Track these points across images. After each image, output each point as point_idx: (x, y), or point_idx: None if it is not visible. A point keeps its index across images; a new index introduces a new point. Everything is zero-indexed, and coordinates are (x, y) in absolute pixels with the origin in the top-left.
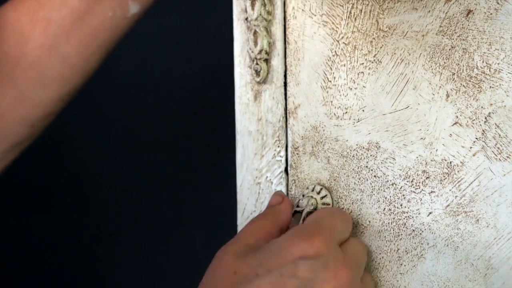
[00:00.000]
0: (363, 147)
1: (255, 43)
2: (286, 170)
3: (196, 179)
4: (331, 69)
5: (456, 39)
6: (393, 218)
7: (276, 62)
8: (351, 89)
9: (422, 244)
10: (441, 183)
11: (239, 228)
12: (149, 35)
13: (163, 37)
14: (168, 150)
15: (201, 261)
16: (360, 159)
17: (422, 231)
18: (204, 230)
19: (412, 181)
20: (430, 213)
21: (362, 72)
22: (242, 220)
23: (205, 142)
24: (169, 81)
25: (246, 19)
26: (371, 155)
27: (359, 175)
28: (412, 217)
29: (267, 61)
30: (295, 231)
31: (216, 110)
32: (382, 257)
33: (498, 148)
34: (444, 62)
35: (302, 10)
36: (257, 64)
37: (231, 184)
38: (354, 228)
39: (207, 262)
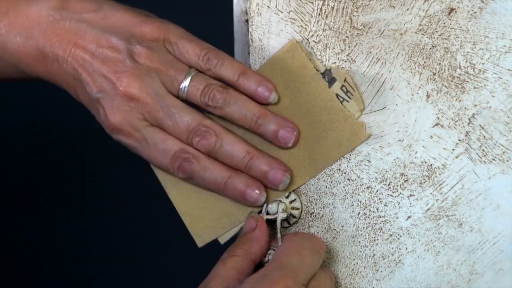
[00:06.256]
0: None
1: None
2: None
3: None
4: None
5: (437, 38)
6: (369, 223)
7: None
8: None
9: (400, 249)
10: (420, 186)
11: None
12: None
13: None
14: None
15: (199, 261)
16: None
17: (400, 236)
18: None
19: (389, 184)
20: (409, 217)
21: None
22: None
23: None
24: None
25: (247, 21)
26: (344, 158)
27: (331, 178)
28: (390, 221)
29: None
30: (260, 278)
31: None
32: (357, 263)
33: (483, 150)
34: (424, 62)
35: (268, 6)
36: None
37: None
38: (327, 233)
39: (206, 262)
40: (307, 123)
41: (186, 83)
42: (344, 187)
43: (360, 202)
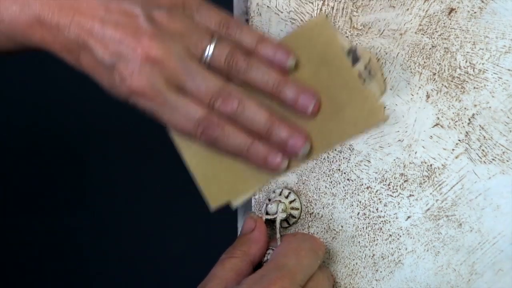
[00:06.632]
0: (335, 150)
1: None
2: None
3: None
4: None
5: (437, 38)
6: (368, 223)
7: None
8: None
9: (400, 249)
10: (420, 186)
11: (239, 230)
12: None
13: None
14: (168, 150)
15: (198, 261)
16: (332, 161)
17: (400, 236)
18: (204, 231)
19: (389, 185)
20: (409, 217)
21: None
22: (243, 221)
23: None
24: None
25: (247, 21)
26: (343, 158)
27: (330, 178)
28: (389, 221)
29: None
30: (257, 279)
31: None
32: (356, 263)
33: (483, 150)
34: (424, 62)
35: (268, 6)
36: None
37: None
38: (326, 233)
39: (206, 262)
40: (326, 97)
41: (210, 48)
42: (343, 187)
43: (360, 202)
